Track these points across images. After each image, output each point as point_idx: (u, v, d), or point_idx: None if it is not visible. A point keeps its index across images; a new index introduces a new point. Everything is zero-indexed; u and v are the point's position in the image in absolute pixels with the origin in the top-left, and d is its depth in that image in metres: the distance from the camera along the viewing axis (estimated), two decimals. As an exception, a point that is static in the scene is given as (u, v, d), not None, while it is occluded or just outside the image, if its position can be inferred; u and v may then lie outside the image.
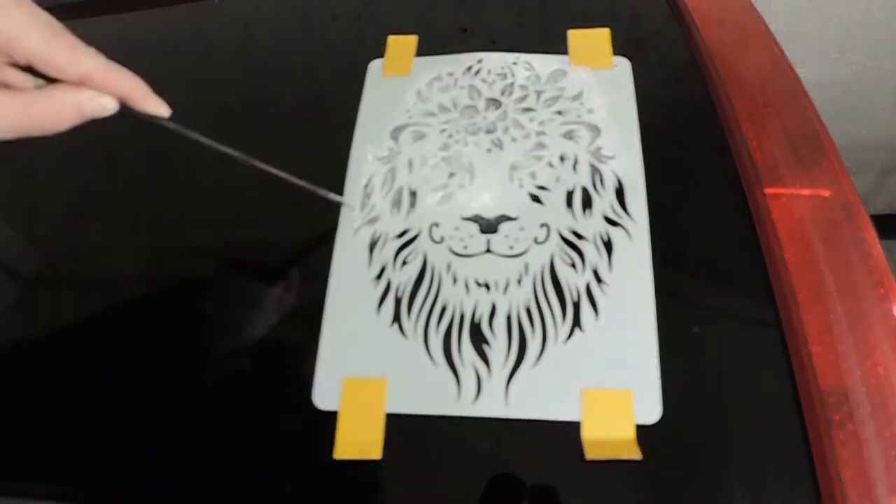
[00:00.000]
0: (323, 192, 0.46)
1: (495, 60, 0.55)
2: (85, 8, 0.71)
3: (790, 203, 0.45)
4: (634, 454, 0.37)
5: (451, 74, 0.55)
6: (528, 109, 0.52)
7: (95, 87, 0.33)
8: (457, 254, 0.45)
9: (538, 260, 0.45)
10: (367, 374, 0.42)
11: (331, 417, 0.41)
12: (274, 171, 0.42)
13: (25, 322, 0.49)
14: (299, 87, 0.59)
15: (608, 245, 0.45)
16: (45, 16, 0.32)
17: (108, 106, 0.34)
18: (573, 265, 0.44)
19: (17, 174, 0.58)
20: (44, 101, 0.32)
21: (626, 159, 0.48)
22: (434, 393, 0.41)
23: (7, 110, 0.32)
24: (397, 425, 0.40)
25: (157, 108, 0.37)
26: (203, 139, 0.38)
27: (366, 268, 0.46)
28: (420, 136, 0.52)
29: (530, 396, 0.40)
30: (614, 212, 0.46)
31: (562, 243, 0.45)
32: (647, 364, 0.40)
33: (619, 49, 0.55)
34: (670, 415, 0.38)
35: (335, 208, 0.49)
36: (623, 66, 0.54)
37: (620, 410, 0.39)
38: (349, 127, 0.53)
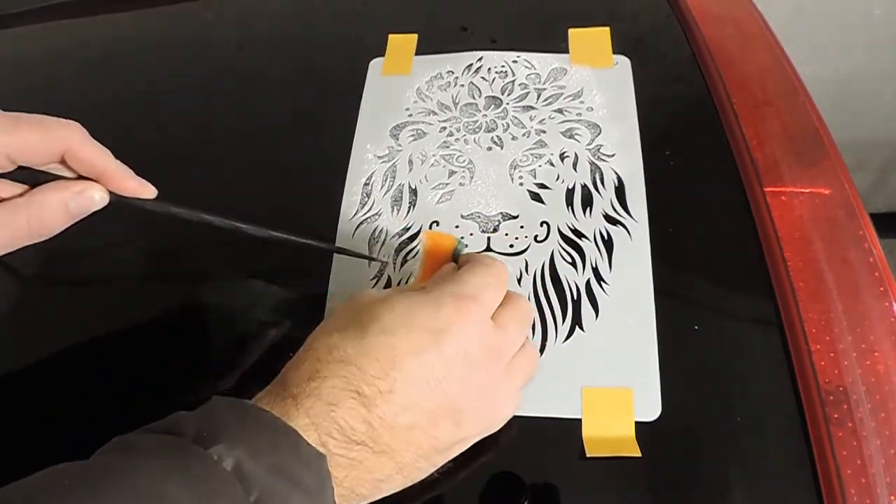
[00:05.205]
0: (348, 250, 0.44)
1: (496, 59, 0.55)
2: (82, 8, 0.71)
3: (790, 201, 0.45)
4: (634, 452, 0.37)
5: (451, 73, 0.55)
6: (529, 108, 0.52)
7: (75, 158, 0.32)
8: (457, 252, 0.45)
9: (538, 258, 0.45)
10: (368, 373, 0.42)
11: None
12: (277, 235, 0.39)
13: (25, 322, 0.49)
14: (300, 86, 0.59)
15: (608, 243, 0.45)
16: (3, 113, 0.31)
17: (97, 197, 0.33)
18: (573, 263, 0.44)
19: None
20: (27, 206, 0.31)
21: (626, 157, 0.48)
22: (434, 391, 0.41)
23: None
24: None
25: (141, 189, 0.34)
26: (195, 216, 0.36)
27: (366, 266, 0.46)
28: (420, 135, 0.52)
29: (530, 394, 0.40)
30: (614, 210, 0.46)
31: (562, 241, 0.45)
32: (647, 362, 0.40)
33: (619, 48, 0.55)
34: (670, 413, 0.39)
35: (336, 207, 0.49)
36: (623, 64, 0.54)
37: (620, 408, 0.39)
38: (350, 125, 0.53)
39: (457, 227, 0.46)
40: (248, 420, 0.28)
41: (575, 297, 0.43)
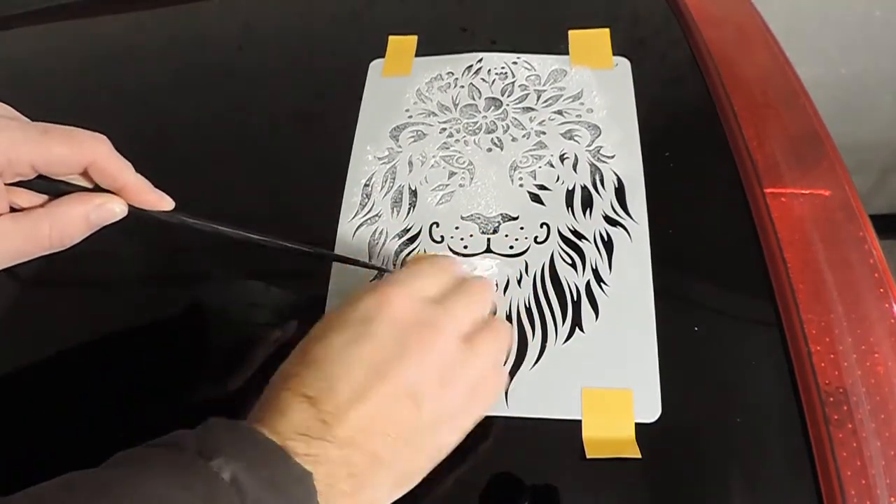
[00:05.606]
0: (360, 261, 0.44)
1: (495, 60, 0.55)
2: (84, 8, 0.71)
3: (790, 202, 0.45)
4: (634, 453, 0.37)
5: (451, 74, 0.55)
6: (529, 109, 0.52)
7: (99, 171, 0.32)
8: (457, 253, 0.45)
9: (538, 259, 0.45)
10: (368, 374, 0.42)
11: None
12: (292, 246, 0.40)
13: (25, 322, 0.49)
14: (299, 87, 0.59)
15: (608, 244, 0.45)
16: (32, 123, 0.31)
17: (117, 210, 0.33)
18: (573, 265, 0.44)
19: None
20: (49, 216, 0.31)
21: (626, 159, 0.48)
22: (434, 392, 0.41)
23: (14, 235, 0.31)
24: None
25: (160, 202, 0.35)
26: (214, 227, 0.37)
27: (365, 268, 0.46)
28: (420, 136, 0.52)
29: (530, 395, 0.40)
30: (614, 211, 0.46)
31: (562, 243, 0.45)
32: (647, 363, 0.40)
33: (619, 49, 0.55)
34: (670, 414, 0.39)
35: (335, 208, 0.49)
36: (623, 66, 0.54)
37: (620, 409, 0.39)
38: (349, 126, 0.53)
39: (457, 228, 0.46)
40: (243, 438, 0.29)
41: (575, 299, 0.43)
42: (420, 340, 0.33)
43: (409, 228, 0.47)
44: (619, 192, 0.47)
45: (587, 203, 0.47)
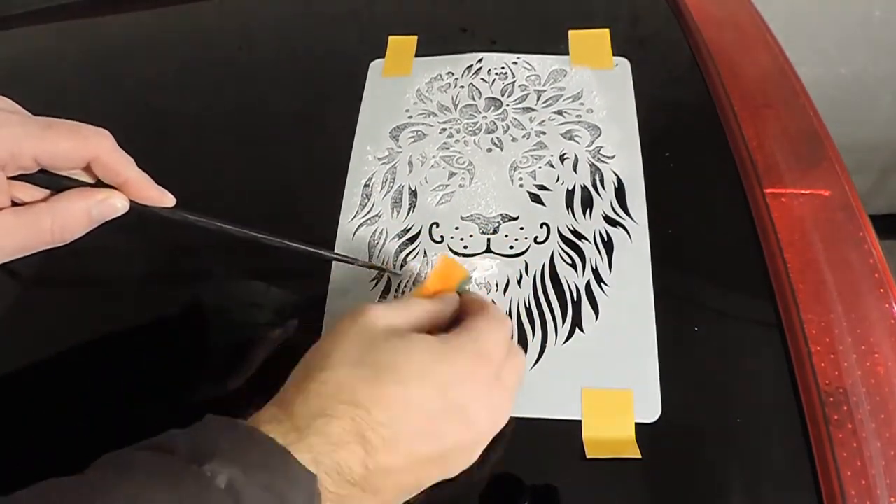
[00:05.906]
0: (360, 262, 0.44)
1: (495, 60, 0.55)
2: (84, 8, 0.71)
3: (790, 203, 0.45)
4: (634, 453, 0.37)
5: (451, 74, 0.55)
6: (529, 109, 0.52)
7: (101, 165, 0.32)
8: (457, 253, 0.45)
9: (538, 260, 0.45)
10: (368, 374, 0.42)
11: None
12: (293, 245, 0.40)
13: (25, 322, 0.49)
14: (300, 87, 0.59)
15: (608, 245, 0.45)
16: (35, 117, 0.31)
17: (119, 205, 0.33)
18: (573, 265, 0.44)
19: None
20: (51, 211, 0.31)
21: (626, 159, 0.48)
22: (434, 392, 0.41)
23: (16, 229, 0.31)
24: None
25: (162, 198, 0.35)
26: (216, 224, 0.37)
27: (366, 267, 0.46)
28: (420, 136, 0.52)
29: (530, 395, 0.40)
30: (614, 211, 0.46)
31: (562, 243, 0.45)
32: (647, 363, 0.40)
33: (619, 49, 0.55)
34: (670, 414, 0.39)
35: (336, 208, 0.49)
36: (623, 66, 0.54)
37: (621, 409, 0.39)
38: (350, 127, 0.53)
39: (457, 228, 0.46)
40: (241, 438, 0.28)
41: (575, 299, 0.43)
42: (476, 425, 0.33)
43: (409, 228, 0.47)
44: (619, 193, 0.47)
45: (587, 203, 0.47)
